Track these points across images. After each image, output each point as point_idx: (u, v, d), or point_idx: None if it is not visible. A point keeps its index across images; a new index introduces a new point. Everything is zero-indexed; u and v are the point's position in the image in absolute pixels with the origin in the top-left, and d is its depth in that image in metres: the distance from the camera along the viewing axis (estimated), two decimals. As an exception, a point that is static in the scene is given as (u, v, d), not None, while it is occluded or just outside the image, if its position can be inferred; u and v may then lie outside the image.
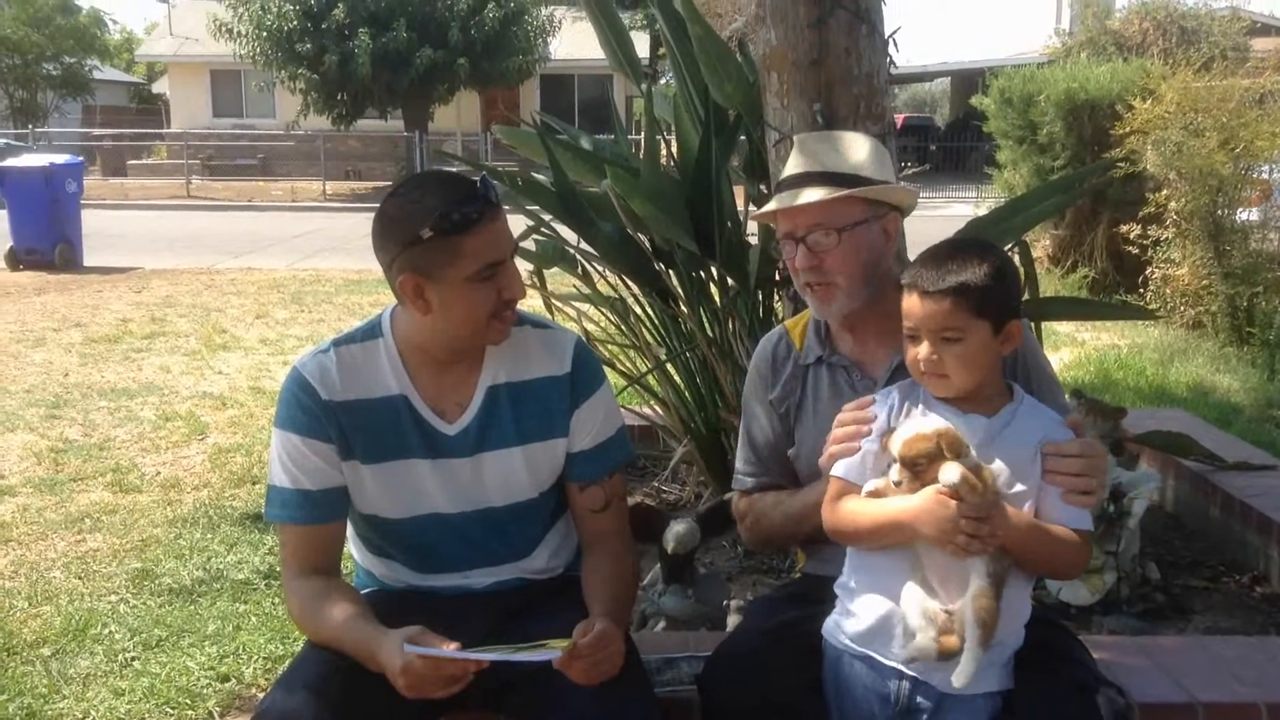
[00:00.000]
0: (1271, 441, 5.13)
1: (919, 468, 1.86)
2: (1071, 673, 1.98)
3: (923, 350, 1.93)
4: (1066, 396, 3.91)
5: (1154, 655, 2.59)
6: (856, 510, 1.99)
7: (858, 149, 2.22)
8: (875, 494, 1.96)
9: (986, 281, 1.91)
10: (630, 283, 3.94)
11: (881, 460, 1.98)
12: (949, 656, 1.87)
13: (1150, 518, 3.60)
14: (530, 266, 3.99)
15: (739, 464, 2.42)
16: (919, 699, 1.94)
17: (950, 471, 1.83)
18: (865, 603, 1.99)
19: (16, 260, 13.09)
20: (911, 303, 1.95)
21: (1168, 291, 8.74)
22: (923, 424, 1.90)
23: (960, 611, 1.86)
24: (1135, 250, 9.08)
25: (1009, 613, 1.90)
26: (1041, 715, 1.90)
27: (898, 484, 1.89)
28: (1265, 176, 8.75)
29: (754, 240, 3.70)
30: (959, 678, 1.86)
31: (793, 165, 2.25)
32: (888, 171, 2.25)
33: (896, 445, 1.89)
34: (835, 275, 2.17)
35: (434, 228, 1.96)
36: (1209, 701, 2.38)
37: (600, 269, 4.01)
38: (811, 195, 2.17)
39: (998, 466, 1.89)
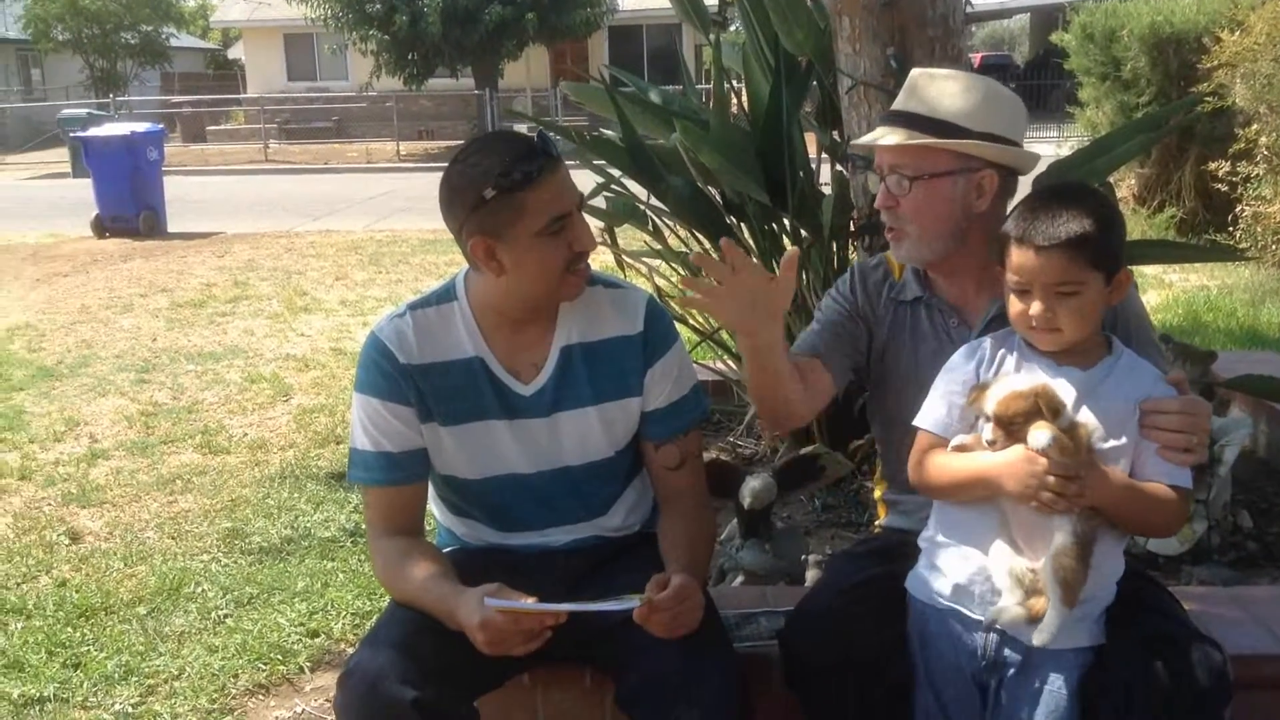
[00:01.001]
0: (1371, 383, 4.95)
1: (1015, 427, 1.81)
2: (1165, 627, 1.94)
3: (1035, 306, 1.86)
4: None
5: (1247, 605, 2.53)
6: (943, 464, 1.96)
7: (963, 96, 2.10)
8: (962, 448, 1.93)
9: (1100, 231, 1.85)
10: (702, 237, 3.91)
11: (969, 414, 1.95)
12: (1037, 619, 1.85)
13: (1242, 464, 3.50)
14: (601, 224, 3.97)
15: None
16: (1007, 652, 1.92)
17: (1040, 435, 1.79)
18: (952, 558, 1.97)
19: (103, 228, 13.38)
20: (1025, 257, 1.86)
21: (1259, 230, 8.45)
22: (1018, 381, 1.85)
23: (1043, 571, 1.84)
24: (1224, 188, 8.79)
25: (1100, 569, 1.87)
26: (1134, 671, 1.86)
27: (991, 442, 1.84)
28: (1362, 106, 8.40)
29: (827, 190, 3.64)
30: (1040, 635, 1.84)
31: (898, 99, 2.19)
32: (1002, 124, 2.11)
33: (991, 404, 1.84)
34: (906, 222, 2.13)
35: (496, 186, 1.97)
36: (1305, 653, 2.32)
37: (671, 225, 3.98)
38: (889, 135, 2.12)
39: (1092, 422, 1.85)
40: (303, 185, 20.35)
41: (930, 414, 2.00)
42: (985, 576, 1.92)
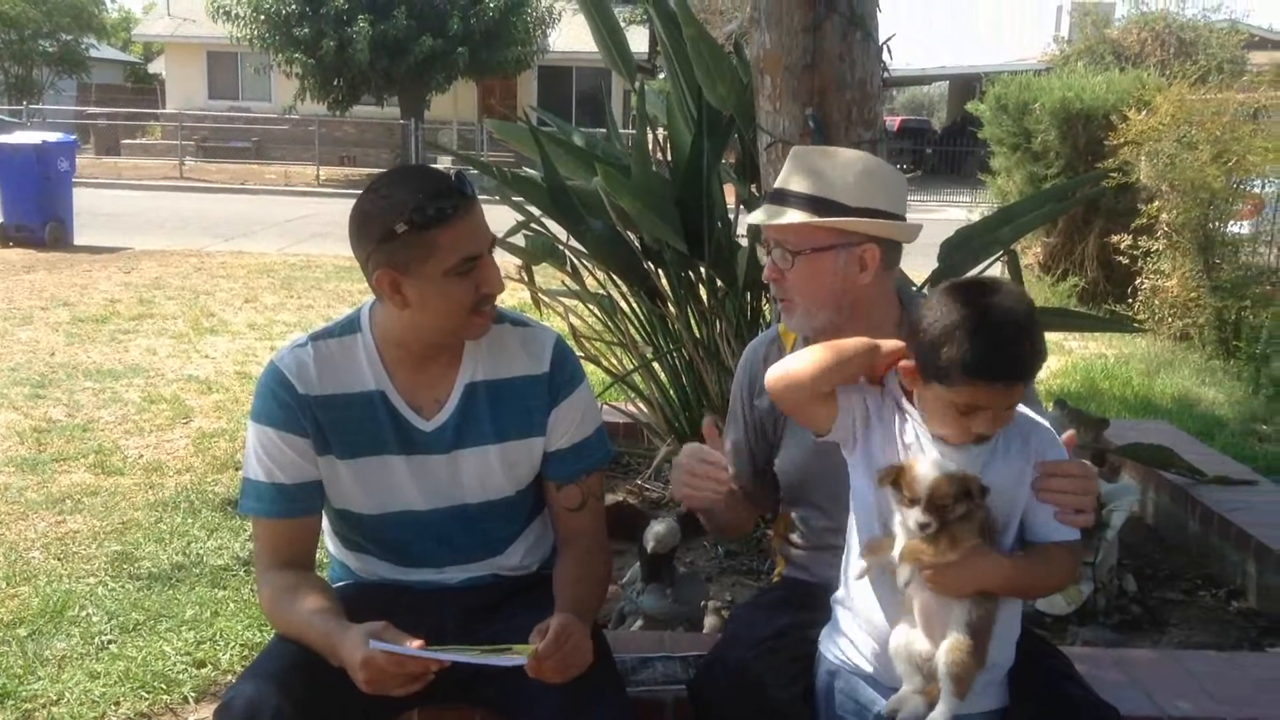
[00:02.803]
0: (1253, 456, 5.15)
1: (946, 510, 1.81)
2: (1065, 689, 1.98)
3: (986, 424, 1.85)
4: (1050, 406, 3.94)
5: (1128, 668, 2.60)
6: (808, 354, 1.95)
7: (841, 172, 2.12)
8: (877, 548, 1.93)
9: (1043, 348, 1.86)
10: (619, 280, 3.94)
11: (885, 485, 1.92)
12: (934, 704, 1.87)
13: (1129, 530, 3.62)
14: (519, 261, 3.98)
15: None
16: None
17: (903, 572, 1.85)
18: (859, 626, 1.99)
19: (7, 237, 13.00)
20: (982, 394, 1.81)
21: (1156, 302, 8.77)
22: (940, 465, 1.83)
23: (937, 661, 1.87)
24: (1125, 260, 9.11)
25: (1001, 633, 1.90)
26: None
27: (924, 525, 1.81)
28: (1257, 191, 8.79)
29: (744, 242, 3.70)
30: None
31: (780, 178, 2.22)
32: (880, 198, 2.12)
33: (922, 487, 1.81)
34: (792, 294, 2.16)
35: (408, 222, 1.96)
36: (1180, 716, 2.39)
37: (589, 266, 4.00)
38: (771, 216, 2.15)
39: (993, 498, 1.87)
40: (217, 204, 20.01)
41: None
42: (886, 642, 1.94)
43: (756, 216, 2.22)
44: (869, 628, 1.97)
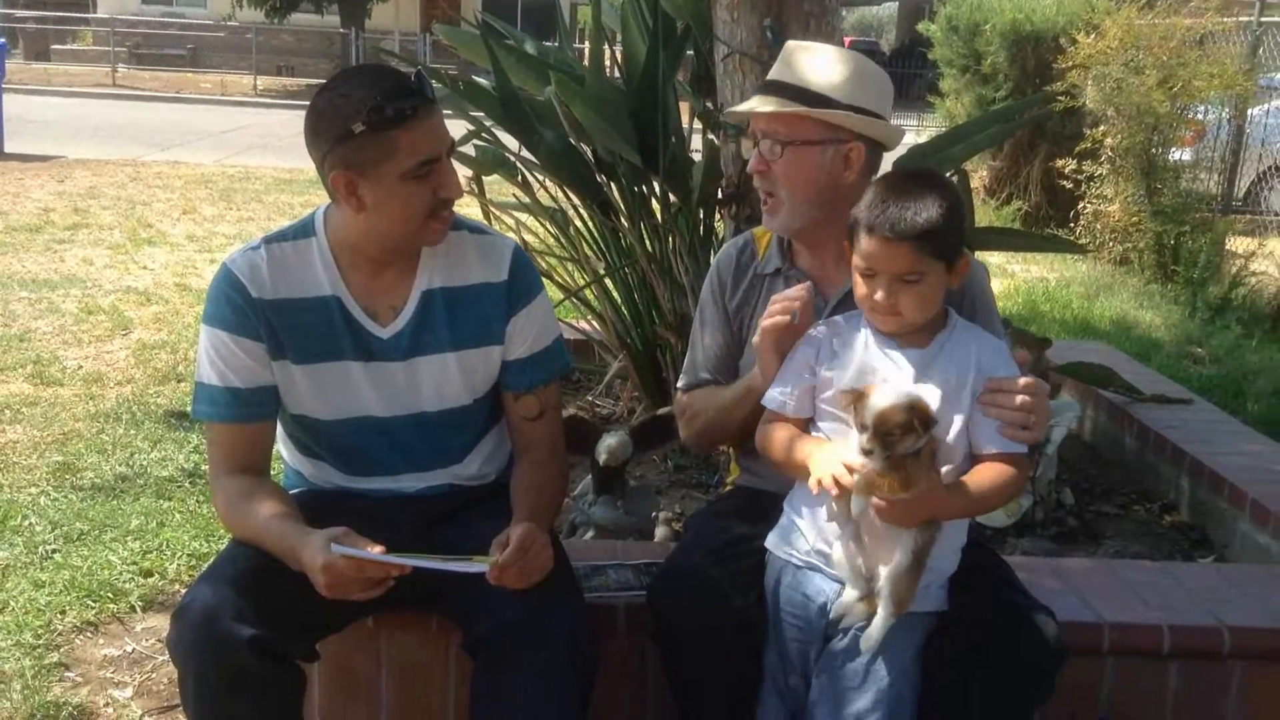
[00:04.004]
0: (1188, 377, 5.29)
1: (891, 438, 1.84)
2: (1006, 595, 2.05)
3: (879, 292, 1.94)
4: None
5: (1064, 576, 2.67)
6: (774, 441, 2.05)
7: (835, 69, 2.18)
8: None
9: (944, 224, 1.92)
10: (571, 194, 3.90)
11: (808, 396, 2.02)
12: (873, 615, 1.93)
13: (1068, 446, 3.70)
14: (469, 172, 3.92)
15: (686, 364, 2.43)
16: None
17: (856, 504, 1.88)
18: (809, 523, 2.03)
19: (-69, 143, 12.58)
20: (871, 245, 1.94)
21: (1098, 227, 8.88)
22: (894, 393, 1.87)
23: (881, 580, 1.92)
24: (1069, 185, 9.20)
25: (943, 540, 1.95)
26: (976, 637, 1.96)
27: (868, 452, 1.86)
28: (1200, 117, 8.88)
29: (698, 156, 3.67)
30: (866, 642, 1.92)
31: (773, 69, 2.25)
32: (870, 99, 2.18)
33: (870, 415, 1.85)
34: (779, 187, 2.19)
35: (366, 121, 1.91)
36: (1116, 621, 2.47)
37: (541, 179, 3.95)
38: (763, 105, 2.19)
39: (930, 391, 1.92)
40: (152, 113, 19.46)
41: (774, 392, 2.07)
42: (834, 533, 1.98)
43: (749, 104, 2.24)
44: (818, 526, 2.01)
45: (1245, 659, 2.47)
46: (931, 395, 1.92)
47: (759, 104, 2.20)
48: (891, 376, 1.95)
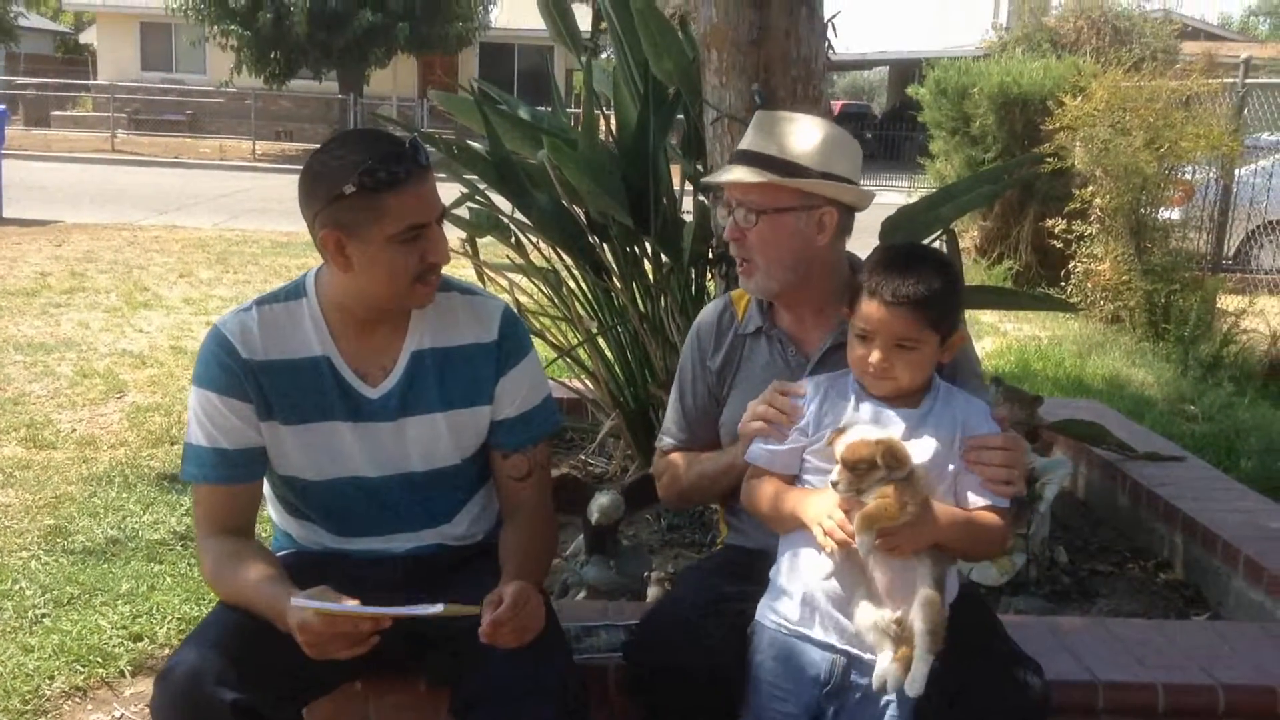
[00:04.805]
0: (1181, 434, 5.28)
1: (859, 471, 1.90)
2: (993, 646, 2.06)
3: (875, 355, 2.00)
4: (987, 382, 4.02)
5: (1059, 635, 2.66)
6: (760, 496, 2.09)
7: (805, 137, 2.22)
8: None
9: (945, 296, 2.00)
10: (564, 255, 3.93)
11: (820, 456, 2.04)
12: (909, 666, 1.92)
13: (1061, 504, 3.70)
14: (463, 235, 3.96)
15: (666, 423, 2.47)
16: (853, 677, 1.98)
17: (863, 544, 1.89)
18: (796, 585, 2.03)
19: (-68, 208, 12.66)
20: (871, 308, 2.00)
21: (1089, 286, 8.92)
22: (869, 431, 1.94)
23: (909, 619, 1.91)
24: (1059, 244, 9.26)
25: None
26: (965, 689, 1.95)
27: (835, 484, 1.92)
28: (1188, 177, 8.97)
29: (689, 218, 3.71)
30: (912, 686, 1.89)
31: (744, 139, 2.30)
32: (840, 164, 2.23)
33: (840, 448, 1.92)
34: (754, 254, 2.24)
35: (357, 183, 1.94)
36: (1110, 680, 2.46)
37: (534, 240, 3.99)
38: (737, 174, 2.23)
39: (920, 450, 1.95)
40: (151, 178, 19.60)
41: (761, 449, 2.11)
42: (827, 595, 1.98)
43: (722, 175, 2.29)
44: (803, 579, 2.02)
45: (1240, 717, 2.46)
46: (926, 447, 1.97)
47: (734, 174, 2.24)
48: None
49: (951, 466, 2.01)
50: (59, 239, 11.68)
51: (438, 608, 1.87)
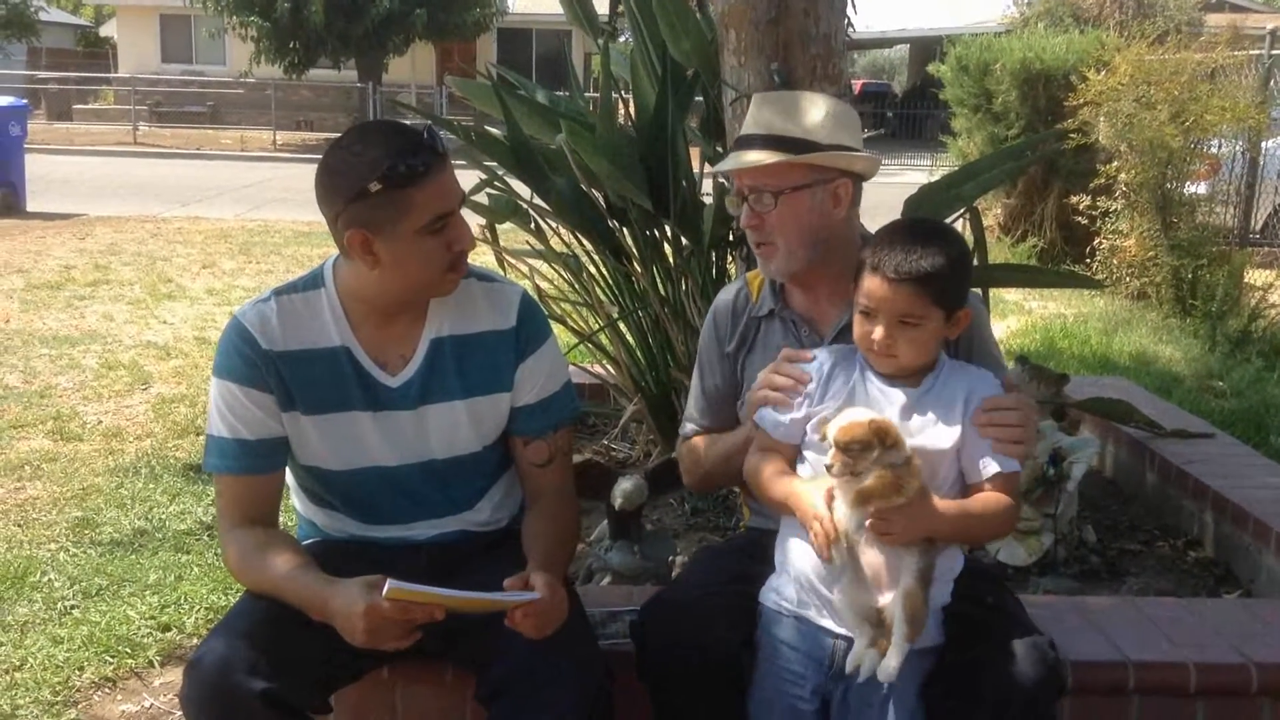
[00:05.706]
0: (1209, 411, 5.23)
1: (853, 452, 1.88)
2: (999, 623, 2.02)
3: (877, 331, 1.97)
4: (1011, 363, 3.98)
5: (1088, 614, 2.64)
6: (758, 473, 2.07)
7: (811, 112, 2.21)
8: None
9: (949, 272, 1.96)
10: (583, 239, 3.92)
11: (815, 436, 2.02)
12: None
13: (1089, 482, 3.66)
14: (483, 221, 3.95)
15: (688, 409, 2.46)
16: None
17: (852, 520, 1.89)
18: (799, 568, 2.02)
19: (-43, 203, 12.76)
20: (873, 284, 1.97)
21: (1114, 262, 8.85)
22: (859, 413, 1.92)
23: (889, 608, 1.90)
24: (1084, 221, 9.18)
25: (937, 574, 1.94)
26: (973, 668, 1.94)
27: (829, 467, 1.90)
28: (1213, 151, 8.87)
29: (708, 200, 3.69)
30: (884, 673, 1.89)
31: (746, 124, 2.27)
32: (846, 135, 2.23)
33: (832, 431, 1.90)
34: (774, 236, 2.21)
35: (381, 180, 1.93)
36: (1141, 660, 2.43)
37: (554, 225, 3.97)
38: (750, 158, 2.20)
39: (917, 425, 1.96)
40: (172, 170, 19.70)
41: (769, 415, 2.09)
42: (819, 578, 1.98)
43: (729, 164, 2.26)
44: (809, 574, 2.00)
45: (1273, 696, 2.43)
46: (943, 435, 1.95)
47: (750, 157, 2.21)
48: (884, 410, 1.97)
49: (959, 433, 1.97)
50: (83, 232, 11.76)
51: (525, 596, 1.90)
